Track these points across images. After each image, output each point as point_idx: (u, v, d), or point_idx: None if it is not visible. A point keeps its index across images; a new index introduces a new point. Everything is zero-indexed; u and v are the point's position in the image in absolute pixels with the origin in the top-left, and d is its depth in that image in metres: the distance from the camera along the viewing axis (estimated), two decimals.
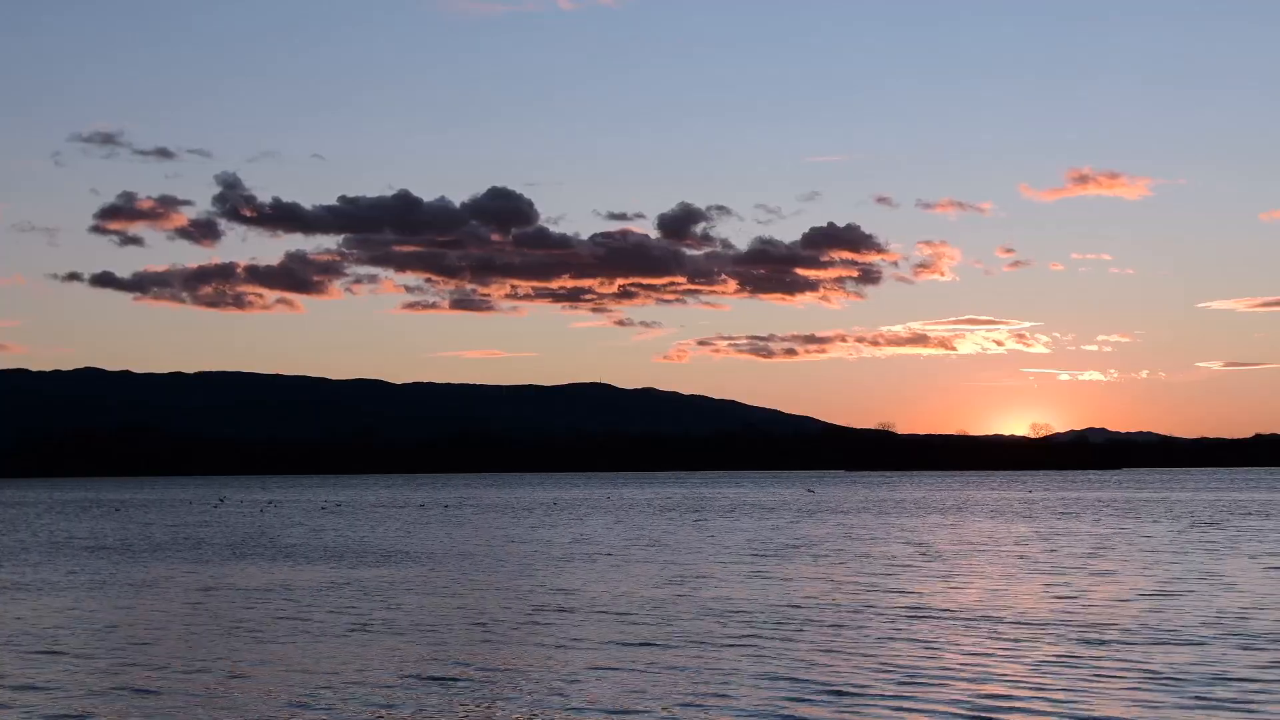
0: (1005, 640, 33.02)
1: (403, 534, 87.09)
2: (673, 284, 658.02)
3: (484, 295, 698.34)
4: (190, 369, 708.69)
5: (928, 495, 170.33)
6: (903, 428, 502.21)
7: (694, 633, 35.01)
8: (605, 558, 63.03)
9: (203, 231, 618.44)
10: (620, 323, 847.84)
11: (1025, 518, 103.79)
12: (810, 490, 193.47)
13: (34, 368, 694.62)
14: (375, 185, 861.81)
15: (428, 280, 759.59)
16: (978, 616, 38.05)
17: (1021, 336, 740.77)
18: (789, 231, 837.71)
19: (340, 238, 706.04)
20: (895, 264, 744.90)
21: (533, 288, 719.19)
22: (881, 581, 49.17)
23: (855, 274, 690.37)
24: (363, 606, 42.58)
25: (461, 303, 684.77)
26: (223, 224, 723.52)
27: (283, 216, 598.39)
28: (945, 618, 37.77)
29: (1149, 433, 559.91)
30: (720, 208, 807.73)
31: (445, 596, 45.79)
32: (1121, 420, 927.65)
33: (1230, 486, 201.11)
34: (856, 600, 42.57)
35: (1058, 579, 49.67)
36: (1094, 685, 26.83)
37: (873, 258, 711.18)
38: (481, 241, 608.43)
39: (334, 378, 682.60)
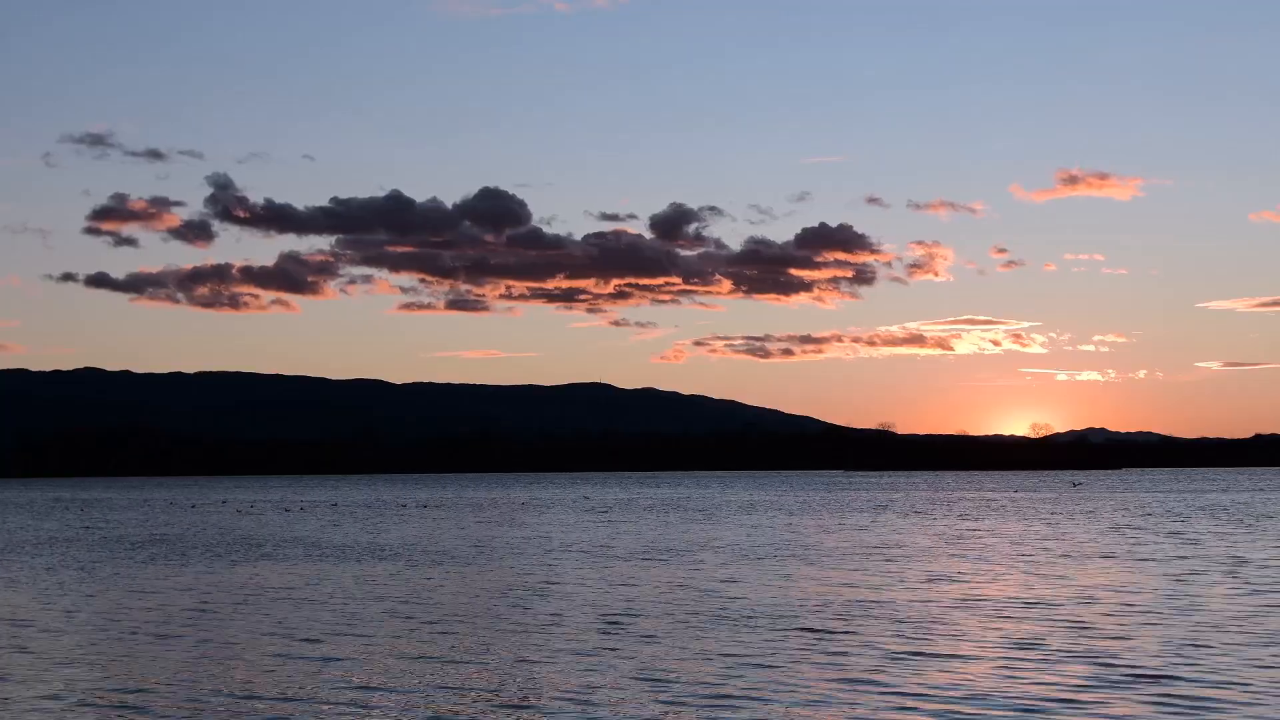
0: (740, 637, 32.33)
1: (321, 530, 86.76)
2: (668, 284, 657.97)
3: (478, 295, 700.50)
4: (189, 369, 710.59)
5: (891, 497, 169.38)
6: (902, 428, 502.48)
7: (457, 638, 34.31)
8: (485, 559, 62.76)
9: (196, 232, 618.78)
10: (615, 323, 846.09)
11: (954, 517, 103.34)
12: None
13: (34, 368, 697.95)
14: (366, 186, 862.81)
15: (422, 281, 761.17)
16: (744, 616, 37.65)
17: (1018, 337, 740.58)
18: (781, 232, 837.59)
19: (333, 238, 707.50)
20: (889, 264, 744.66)
21: (527, 288, 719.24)
22: (708, 583, 48.59)
23: (849, 274, 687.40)
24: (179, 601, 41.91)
25: (456, 303, 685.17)
26: (215, 225, 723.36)
27: (275, 217, 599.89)
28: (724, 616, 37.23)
29: (1149, 433, 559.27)
30: (712, 208, 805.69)
31: (254, 591, 45.27)
32: (1121, 420, 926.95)
33: (1214, 488, 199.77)
34: (674, 601, 41.84)
35: (885, 580, 49.15)
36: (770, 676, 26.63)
37: (866, 258, 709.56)
38: (475, 242, 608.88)
39: (334, 378, 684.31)
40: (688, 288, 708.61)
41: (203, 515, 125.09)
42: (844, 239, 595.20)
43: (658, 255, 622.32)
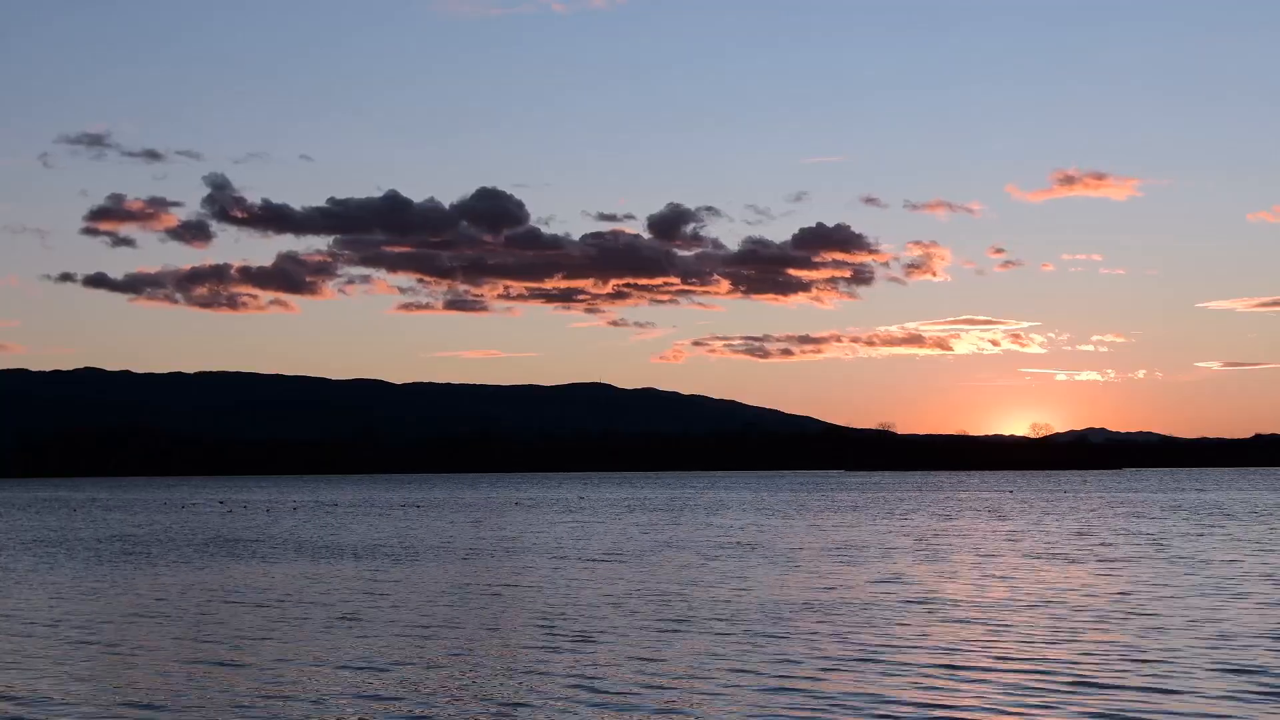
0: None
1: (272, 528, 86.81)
2: (666, 284, 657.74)
3: (477, 296, 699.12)
4: (189, 369, 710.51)
5: (877, 496, 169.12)
6: (902, 428, 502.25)
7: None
8: (447, 559, 62.46)
9: (193, 233, 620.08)
10: (614, 323, 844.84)
11: (931, 517, 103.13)
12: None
13: (34, 368, 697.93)
14: (363, 187, 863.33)
15: (420, 281, 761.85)
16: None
17: (1017, 337, 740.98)
18: (779, 232, 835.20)
19: (330, 239, 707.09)
20: (886, 264, 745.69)
21: (526, 288, 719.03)
22: (663, 584, 48.10)
23: (847, 274, 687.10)
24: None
25: (455, 303, 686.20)
26: (213, 225, 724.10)
27: (273, 217, 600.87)
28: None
29: (1149, 433, 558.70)
30: (709, 208, 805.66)
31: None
32: (1121, 420, 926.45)
33: (1208, 487, 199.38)
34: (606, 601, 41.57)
35: (840, 581, 48.69)
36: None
37: (864, 258, 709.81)
38: (473, 242, 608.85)
39: (334, 378, 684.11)
40: (686, 288, 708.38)
41: (186, 516, 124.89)
42: (842, 239, 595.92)
43: (656, 255, 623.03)
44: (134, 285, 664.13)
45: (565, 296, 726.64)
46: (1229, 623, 36.57)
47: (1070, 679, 27.89)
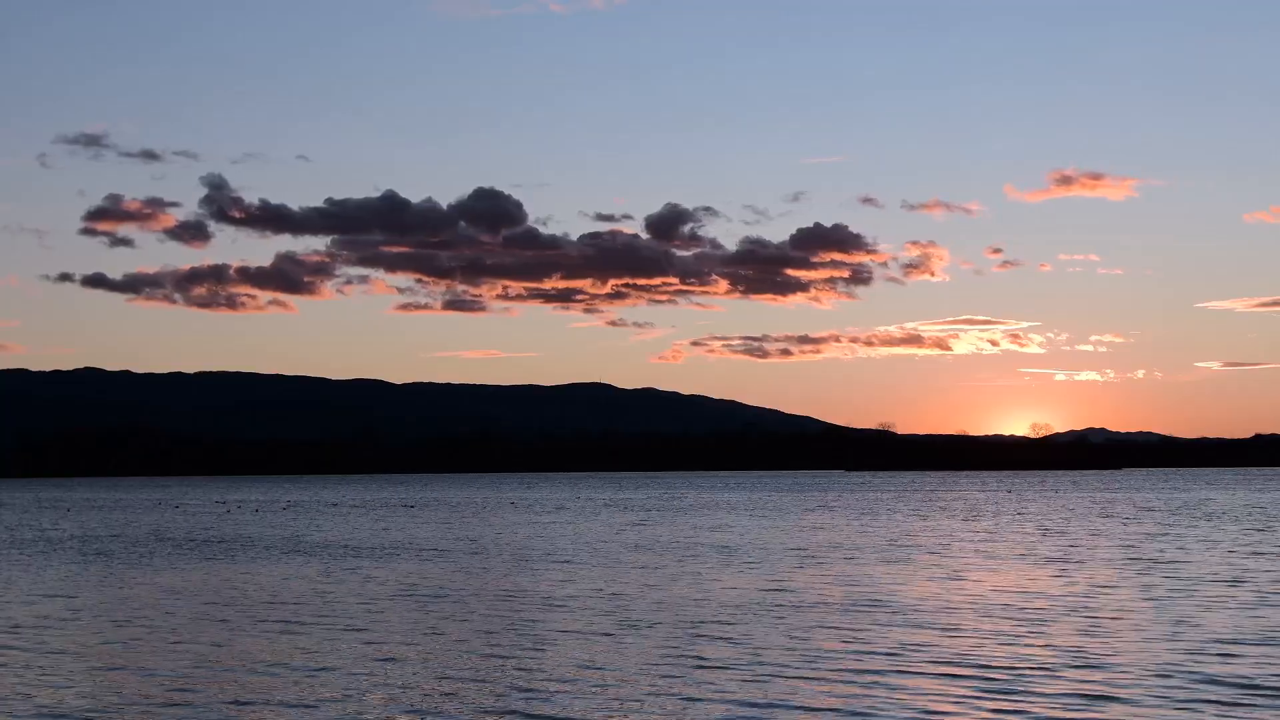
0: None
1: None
2: (665, 284, 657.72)
3: (475, 296, 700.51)
4: (189, 369, 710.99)
5: (865, 496, 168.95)
6: (902, 428, 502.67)
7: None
8: (405, 559, 62.38)
9: (192, 233, 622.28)
10: (613, 323, 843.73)
11: (905, 516, 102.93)
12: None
13: (34, 368, 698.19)
14: (361, 187, 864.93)
15: (418, 281, 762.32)
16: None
17: (1016, 337, 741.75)
18: (777, 232, 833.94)
19: (329, 239, 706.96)
20: (885, 264, 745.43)
21: (524, 288, 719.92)
22: (621, 585, 47.93)
23: (845, 275, 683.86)
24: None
25: (454, 303, 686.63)
26: (211, 225, 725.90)
27: (271, 218, 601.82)
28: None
29: (1149, 433, 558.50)
30: (707, 208, 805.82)
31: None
32: (1121, 420, 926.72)
33: (1202, 487, 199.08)
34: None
35: (800, 583, 48.28)
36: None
37: (862, 258, 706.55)
38: (471, 242, 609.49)
39: (334, 378, 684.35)
40: (684, 288, 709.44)
41: (174, 516, 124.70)
42: (840, 239, 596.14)
43: (654, 255, 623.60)
44: (133, 285, 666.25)
45: (564, 296, 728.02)
46: (1186, 627, 36.28)
47: (1013, 684, 27.64)
